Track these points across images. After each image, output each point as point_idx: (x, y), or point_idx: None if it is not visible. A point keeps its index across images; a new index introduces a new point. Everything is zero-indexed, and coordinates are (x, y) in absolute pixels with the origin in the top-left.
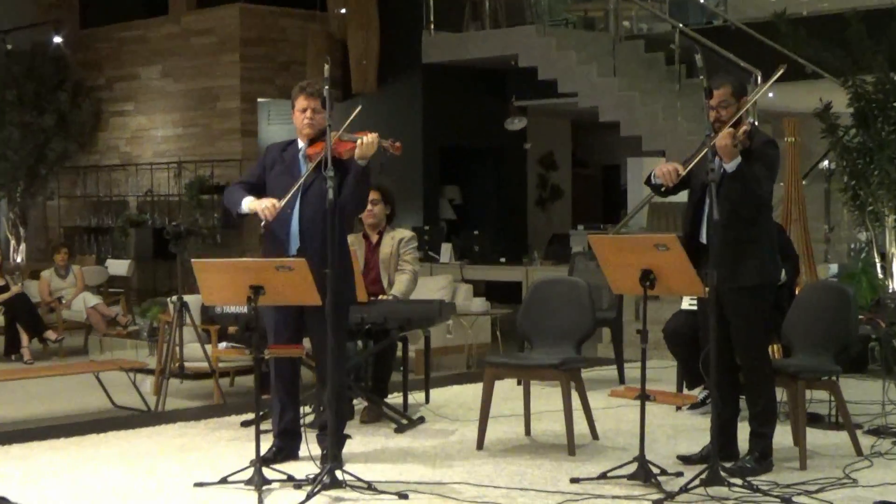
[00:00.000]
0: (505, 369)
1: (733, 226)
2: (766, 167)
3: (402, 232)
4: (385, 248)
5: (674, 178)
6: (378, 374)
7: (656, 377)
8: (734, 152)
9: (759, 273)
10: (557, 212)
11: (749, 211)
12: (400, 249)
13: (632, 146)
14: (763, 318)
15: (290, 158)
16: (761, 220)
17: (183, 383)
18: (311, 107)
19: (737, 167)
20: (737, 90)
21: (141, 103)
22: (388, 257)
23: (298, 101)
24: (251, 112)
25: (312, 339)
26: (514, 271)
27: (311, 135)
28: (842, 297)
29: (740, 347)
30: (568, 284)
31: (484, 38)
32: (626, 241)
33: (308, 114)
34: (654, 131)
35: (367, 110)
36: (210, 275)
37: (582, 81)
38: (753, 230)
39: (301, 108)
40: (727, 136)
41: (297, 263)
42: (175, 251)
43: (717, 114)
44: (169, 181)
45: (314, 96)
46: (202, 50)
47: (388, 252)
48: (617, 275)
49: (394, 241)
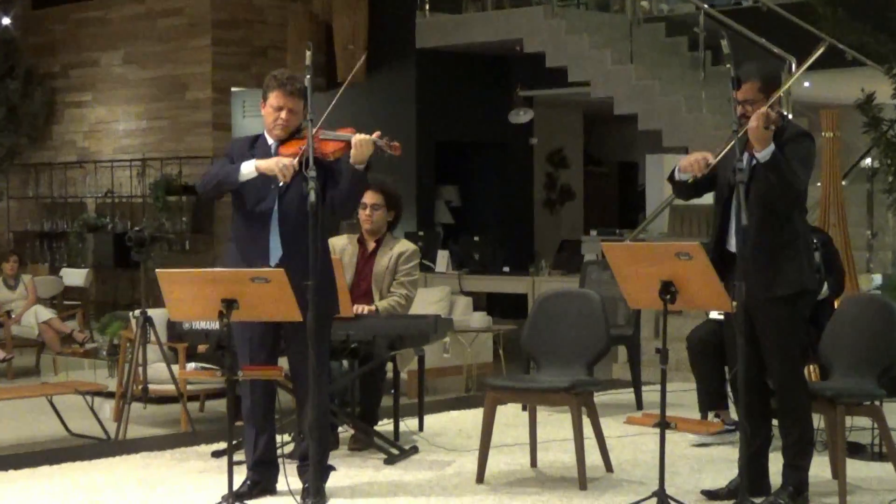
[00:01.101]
0: (508, 393)
1: (767, 228)
2: (800, 160)
3: (403, 244)
4: (381, 260)
5: (703, 168)
6: (366, 398)
7: (678, 402)
8: (766, 136)
9: (797, 280)
10: (568, 215)
11: (786, 205)
12: (399, 265)
13: (651, 141)
14: (799, 333)
15: (264, 156)
16: (797, 220)
17: (147, 408)
18: (287, 106)
19: (770, 155)
20: (766, 84)
21: (100, 93)
22: (383, 272)
23: (273, 97)
24: (224, 103)
25: (291, 359)
26: (519, 282)
27: (283, 136)
28: (886, 312)
29: (773, 368)
30: (579, 297)
31: (485, 20)
32: (643, 250)
33: (283, 115)
34: (675, 125)
35: (354, 101)
36: (177, 287)
37: (595, 69)
38: (789, 232)
39: (275, 106)
40: (759, 117)
41: (275, 274)
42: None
43: (743, 110)
44: (132, 180)
45: (294, 96)
46: (169, 33)
47: (383, 266)
48: (634, 287)
49: (392, 253)
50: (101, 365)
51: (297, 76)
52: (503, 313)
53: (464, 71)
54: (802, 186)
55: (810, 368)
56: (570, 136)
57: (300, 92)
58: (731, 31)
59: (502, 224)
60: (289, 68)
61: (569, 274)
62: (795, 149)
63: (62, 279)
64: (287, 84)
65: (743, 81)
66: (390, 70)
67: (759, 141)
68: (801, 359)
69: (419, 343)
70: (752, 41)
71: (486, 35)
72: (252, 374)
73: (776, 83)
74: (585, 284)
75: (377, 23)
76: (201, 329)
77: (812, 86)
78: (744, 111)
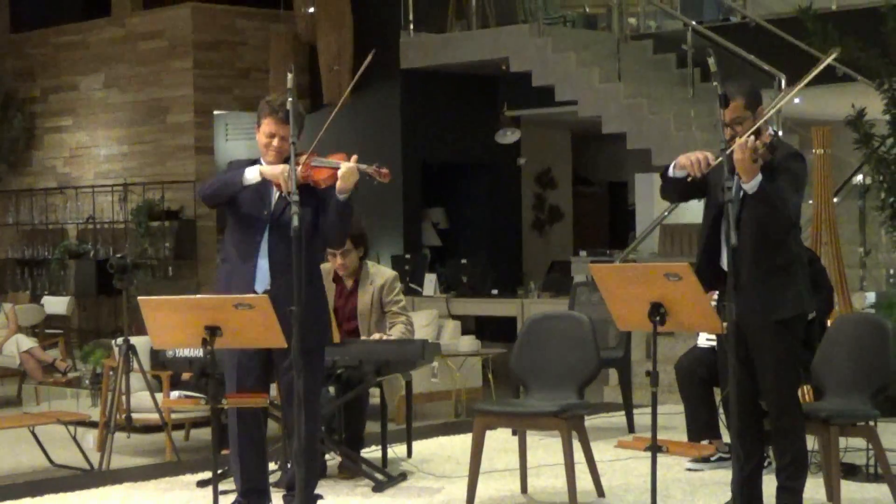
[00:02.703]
0: (498, 418)
1: (763, 252)
2: (791, 183)
3: (380, 275)
4: (364, 297)
5: (703, 168)
6: (352, 424)
7: (670, 424)
8: (753, 168)
9: (796, 303)
10: (557, 236)
11: (777, 233)
12: (384, 298)
13: (640, 160)
14: (794, 355)
15: (261, 184)
16: (792, 243)
17: (130, 438)
18: (280, 134)
19: (758, 186)
20: (750, 101)
21: (80, 117)
22: (368, 309)
23: (265, 123)
24: (206, 126)
25: (280, 385)
26: (508, 305)
27: (276, 163)
28: (879, 331)
29: (767, 390)
30: (569, 320)
31: (470, 39)
32: (631, 271)
33: (276, 142)
34: (664, 143)
35: (337, 123)
36: (160, 314)
37: (582, 87)
38: (785, 255)
39: (268, 133)
40: (743, 149)
41: (258, 301)
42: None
43: (732, 131)
44: (113, 206)
45: (286, 122)
46: (150, 56)
47: (367, 303)
48: (623, 309)
49: (373, 287)
50: (84, 394)
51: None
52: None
53: (449, 91)
54: (794, 212)
55: (804, 389)
56: (558, 155)
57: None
58: (719, 47)
59: (490, 246)
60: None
61: (558, 296)
62: (786, 172)
63: (43, 307)
64: (279, 111)
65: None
66: (374, 90)
67: (745, 172)
68: (797, 380)
69: (407, 368)
70: (740, 58)
71: (471, 54)
72: (237, 401)
73: (759, 98)
74: (575, 306)
75: (361, 42)
76: (185, 357)
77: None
78: (733, 132)
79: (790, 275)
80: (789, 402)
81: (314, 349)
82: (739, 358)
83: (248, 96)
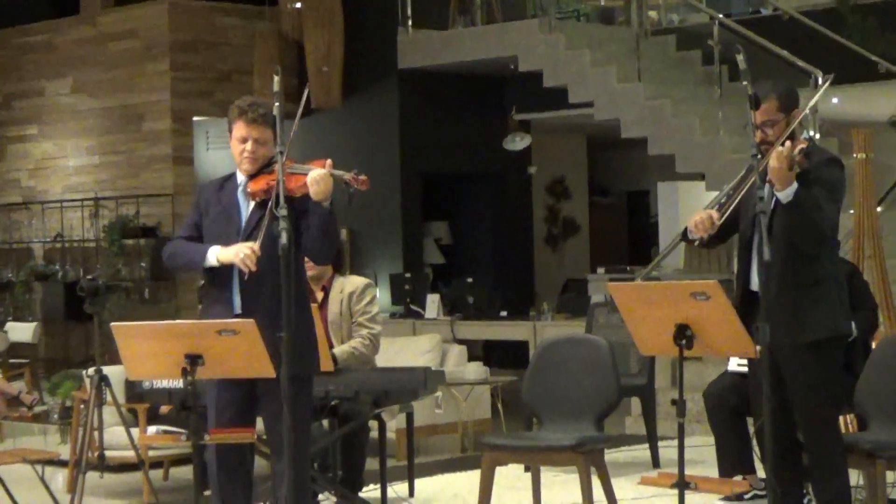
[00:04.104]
0: (508, 452)
1: (792, 267)
2: (827, 192)
3: (351, 283)
4: (333, 305)
5: (708, 229)
6: (348, 461)
7: (698, 458)
8: (789, 176)
9: (829, 324)
10: (572, 252)
11: (810, 248)
12: (353, 306)
13: (663, 167)
14: (831, 382)
15: (228, 198)
16: (825, 258)
17: (104, 477)
18: (252, 136)
19: (793, 195)
20: (784, 102)
21: (47, 125)
22: (338, 320)
23: (237, 127)
24: (185, 134)
25: (266, 419)
26: (519, 328)
27: (252, 170)
28: None
29: (803, 420)
30: (586, 344)
31: (475, 36)
32: (655, 290)
33: (249, 146)
34: (689, 148)
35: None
36: (135, 341)
37: (599, 88)
38: (818, 270)
39: (240, 138)
40: (779, 157)
41: (244, 326)
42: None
43: (763, 134)
44: (83, 222)
45: (257, 123)
46: (122, 58)
47: (336, 312)
48: (645, 331)
49: (343, 295)
50: (53, 430)
51: (260, 101)
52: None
53: (452, 93)
54: (830, 224)
55: (846, 419)
56: (572, 163)
57: (266, 119)
58: (748, 42)
59: (499, 263)
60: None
61: (574, 317)
62: (821, 180)
63: (7, 334)
64: (249, 111)
65: (760, 104)
66: (369, 93)
67: (780, 181)
68: (835, 409)
69: (407, 398)
70: (772, 54)
71: (476, 53)
72: (221, 437)
73: (794, 100)
74: (593, 329)
75: (354, 41)
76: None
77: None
78: (764, 136)
79: (823, 292)
80: (828, 432)
81: (302, 377)
82: (773, 384)
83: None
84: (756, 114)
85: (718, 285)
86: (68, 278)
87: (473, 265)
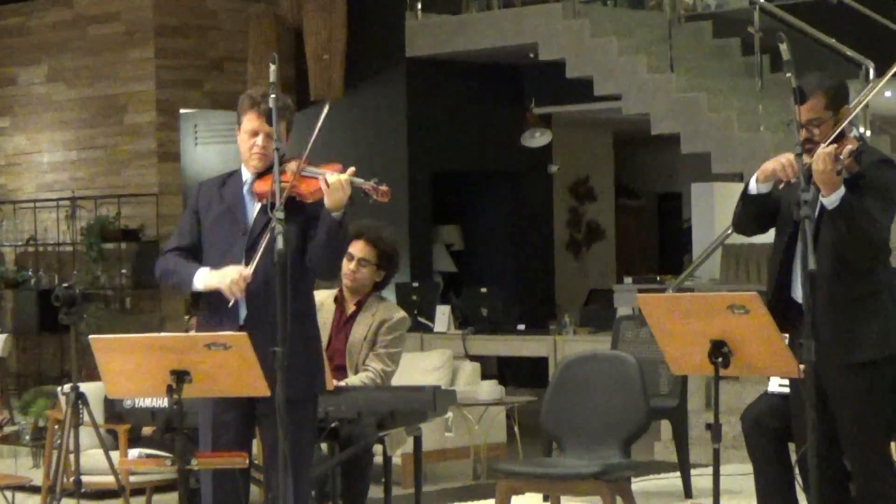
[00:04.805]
0: (526, 480)
1: (840, 279)
2: (880, 198)
3: (387, 309)
4: (360, 327)
5: (796, 173)
6: (350, 489)
7: (735, 488)
8: (836, 181)
9: (882, 343)
10: (596, 259)
11: (861, 259)
12: (378, 336)
13: (696, 167)
14: (883, 405)
15: (233, 196)
16: (880, 270)
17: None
18: (264, 130)
19: (840, 201)
20: (833, 100)
21: (19, 117)
22: (360, 343)
23: (246, 120)
24: (171, 128)
25: (265, 444)
26: (538, 343)
27: (261, 168)
28: None
29: (851, 447)
30: (612, 362)
31: (491, 21)
32: (688, 302)
33: (260, 140)
34: (726, 146)
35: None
36: (116, 356)
37: (627, 79)
38: (870, 282)
39: (250, 130)
40: (825, 159)
41: (236, 339)
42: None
43: (807, 133)
44: (59, 225)
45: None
46: (103, 43)
47: (360, 335)
48: (677, 348)
49: (373, 321)
50: (24, 453)
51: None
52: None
53: (465, 84)
54: (883, 235)
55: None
56: (597, 162)
57: (280, 112)
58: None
59: (515, 272)
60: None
61: (598, 332)
62: (873, 185)
63: None
64: (262, 102)
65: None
66: (374, 84)
67: (826, 185)
68: (886, 435)
69: (415, 420)
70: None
71: (491, 39)
72: (210, 462)
73: (844, 96)
74: (619, 345)
75: (357, 26)
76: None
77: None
78: (809, 135)
79: (876, 307)
80: (878, 461)
81: (304, 399)
82: (818, 407)
83: (222, 91)
84: (801, 110)
85: (759, 298)
86: (42, 286)
87: (488, 273)
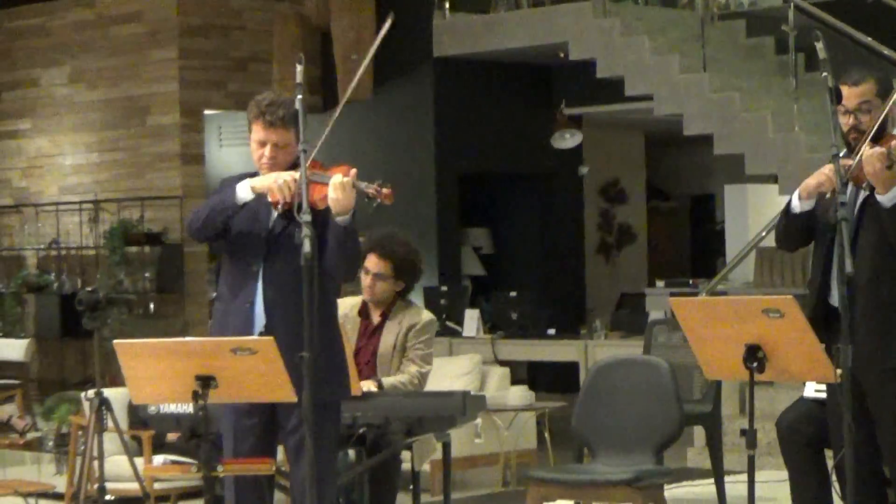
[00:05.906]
0: (556, 487)
1: (882, 282)
2: None
3: (414, 314)
4: (388, 336)
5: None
6: (377, 496)
7: (770, 495)
8: (890, 177)
9: None
10: (628, 263)
11: None
12: (408, 341)
13: (730, 169)
14: None
15: (256, 199)
16: None
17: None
18: (271, 141)
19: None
20: (883, 86)
21: (41, 119)
22: (390, 352)
23: (255, 129)
24: (195, 130)
25: (288, 450)
26: (568, 348)
27: None
28: None
29: (890, 453)
30: (644, 367)
31: (519, 20)
32: (722, 306)
33: (268, 151)
34: (760, 147)
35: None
36: (140, 361)
37: (659, 79)
38: None
39: (258, 140)
40: (871, 159)
41: (262, 344)
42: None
43: (854, 120)
44: (81, 228)
45: (276, 126)
46: (125, 44)
47: (390, 344)
48: (711, 353)
49: (401, 328)
50: (47, 459)
51: (280, 100)
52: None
53: (493, 84)
54: None
55: None
56: (628, 163)
57: (285, 120)
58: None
59: (545, 275)
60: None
61: (630, 336)
62: None
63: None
64: (267, 113)
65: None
66: (401, 84)
67: (880, 184)
68: None
69: (444, 427)
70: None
71: (520, 39)
72: (236, 468)
73: (890, 88)
74: (651, 349)
75: None
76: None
77: None
78: (856, 122)
79: None
80: None
81: (328, 404)
82: (855, 413)
83: (246, 92)
84: (852, 94)
85: (794, 301)
86: (65, 290)
87: (517, 277)
